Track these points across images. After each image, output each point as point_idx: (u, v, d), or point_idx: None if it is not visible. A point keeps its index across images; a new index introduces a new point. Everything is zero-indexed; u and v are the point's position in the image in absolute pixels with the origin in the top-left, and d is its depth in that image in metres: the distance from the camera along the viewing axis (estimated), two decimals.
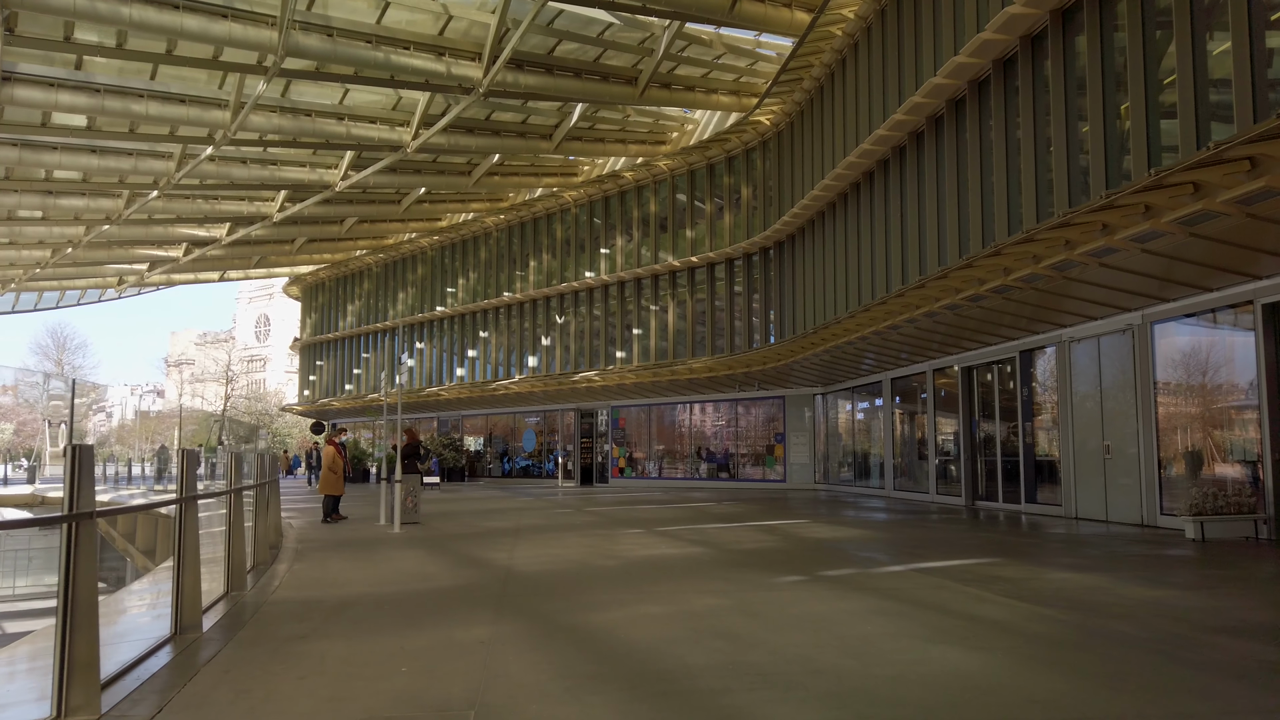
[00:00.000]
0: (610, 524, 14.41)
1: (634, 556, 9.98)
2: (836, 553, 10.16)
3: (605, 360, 31.24)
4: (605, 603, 6.91)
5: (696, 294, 28.78)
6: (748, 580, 8.04)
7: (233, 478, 7.00)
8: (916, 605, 6.63)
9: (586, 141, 27.49)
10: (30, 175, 24.04)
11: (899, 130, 16.74)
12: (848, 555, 9.93)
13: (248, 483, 7.98)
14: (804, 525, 13.95)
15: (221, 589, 6.95)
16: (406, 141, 23.81)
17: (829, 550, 10.42)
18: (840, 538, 11.89)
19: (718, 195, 27.81)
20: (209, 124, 20.94)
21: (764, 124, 24.93)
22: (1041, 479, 15.87)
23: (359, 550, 10.80)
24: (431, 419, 40.46)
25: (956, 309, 14.94)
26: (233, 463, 7.09)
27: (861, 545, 10.99)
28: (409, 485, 14.36)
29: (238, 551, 7.08)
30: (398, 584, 7.98)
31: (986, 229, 14.30)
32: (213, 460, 27.14)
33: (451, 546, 11.14)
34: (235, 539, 7.03)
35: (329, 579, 8.23)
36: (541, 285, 33.45)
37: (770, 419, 28.29)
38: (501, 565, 9.22)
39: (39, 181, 24.50)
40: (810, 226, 22.93)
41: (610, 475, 32.32)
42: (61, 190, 26.07)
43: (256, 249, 37.76)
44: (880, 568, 8.86)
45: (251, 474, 8.97)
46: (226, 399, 62.82)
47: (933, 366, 19.63)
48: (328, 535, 12.77)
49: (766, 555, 10.02)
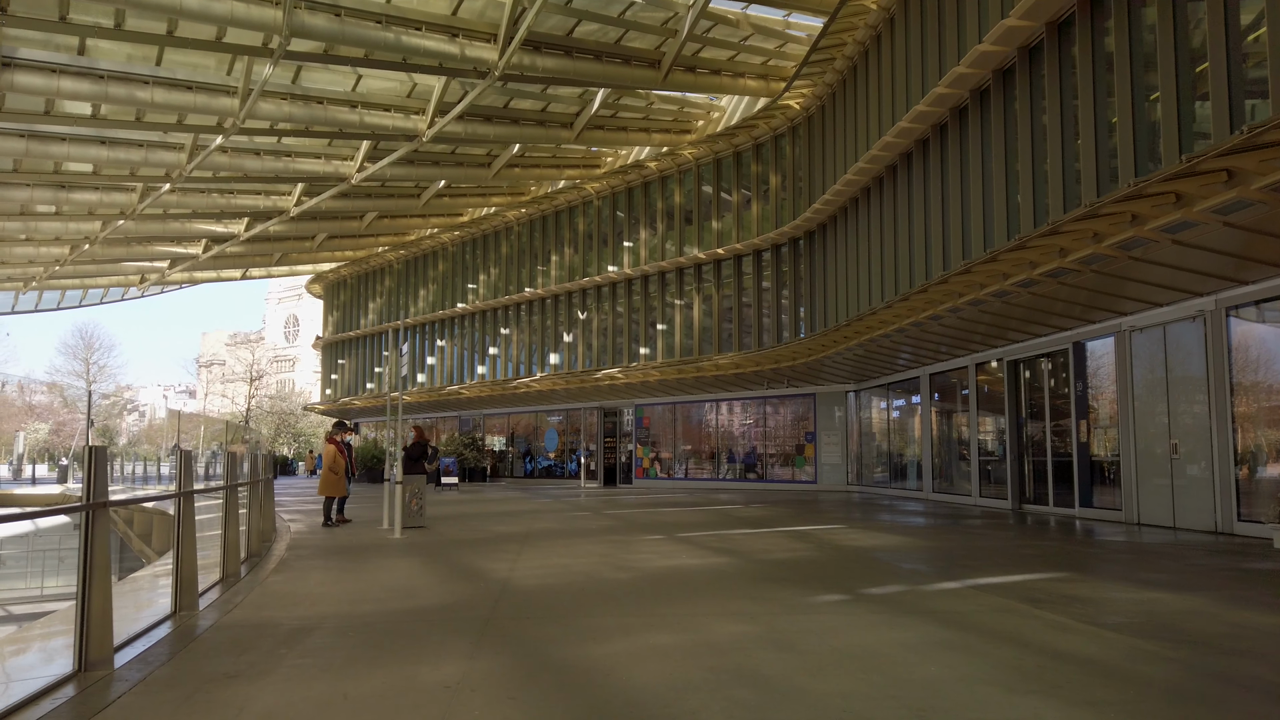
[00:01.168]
0: (628, 529, 13.39)
1: (650, 568, 8.95)
2: (879, 564, 9.05)
3: (629, 357, 30.23)
4: (608, 629, 5.87)
5: (723, 288, 27.67)
6: (779, 599, 6.97)
7: (182, 479, 6.06)
8: (986, 636, 5.51)
9: (609, 130, 26.52)
10: (39, 167, 23.54)
11: (940, 106, 15.53)
12: (892, 568, 8.80)
13: (212, 484, 7.03)
14: (839, 531, 12.83)
15: (167, 608, 6.02)
16: (422, 130, 22.97)
17: (870, 561, 9.31)
18: (881, 546, 10.76)
19: (745, 184, 26.68)
20: (217, 111, 20.21)
21: (793, 108, 23.77)
22: (1097, 481, 14.59)
23: (349, 559, 9.88)
24: (453, 418, 39.70)
25: (1005, 296, 13.73)
26: (182, 463, 6.15)
27: (906, 555, 9.86)
28: (414, 487, 13.43)
29: (187, 565, 6.15)
30: (376, 602, 7.01)
31: (1039, 207, 13.07)
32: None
33: (451, 554, 10.18)
34: (185, 551, 6.09)
35: (300, 595, 7.29)
36: (563, 280, 32.52)
37: (800, 417, 27.11)
38: (499, 578, 8.23)
39: (49, 174, 24.00)
40: (843, 214, 21.74)
41: (634, 476, 31.29)
42: (74, 184, 25.60)
43: (277, 245, 37.26)
44: (932, 584, 7.74)
45: (225, 475, 8.04)
46: (250, 399, 62.65)
47: (975, 360, 18.37)
48: (323, 540, 11.88)
49: (800, 567, 8.92)
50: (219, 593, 7.35)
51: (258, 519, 9.70)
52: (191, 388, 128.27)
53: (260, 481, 10.85)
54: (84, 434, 52.66)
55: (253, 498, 9.57)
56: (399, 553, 10.35)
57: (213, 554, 8.18)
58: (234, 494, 7.96)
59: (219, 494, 7.98)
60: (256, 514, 9.55)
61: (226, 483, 7.87)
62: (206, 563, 7.04)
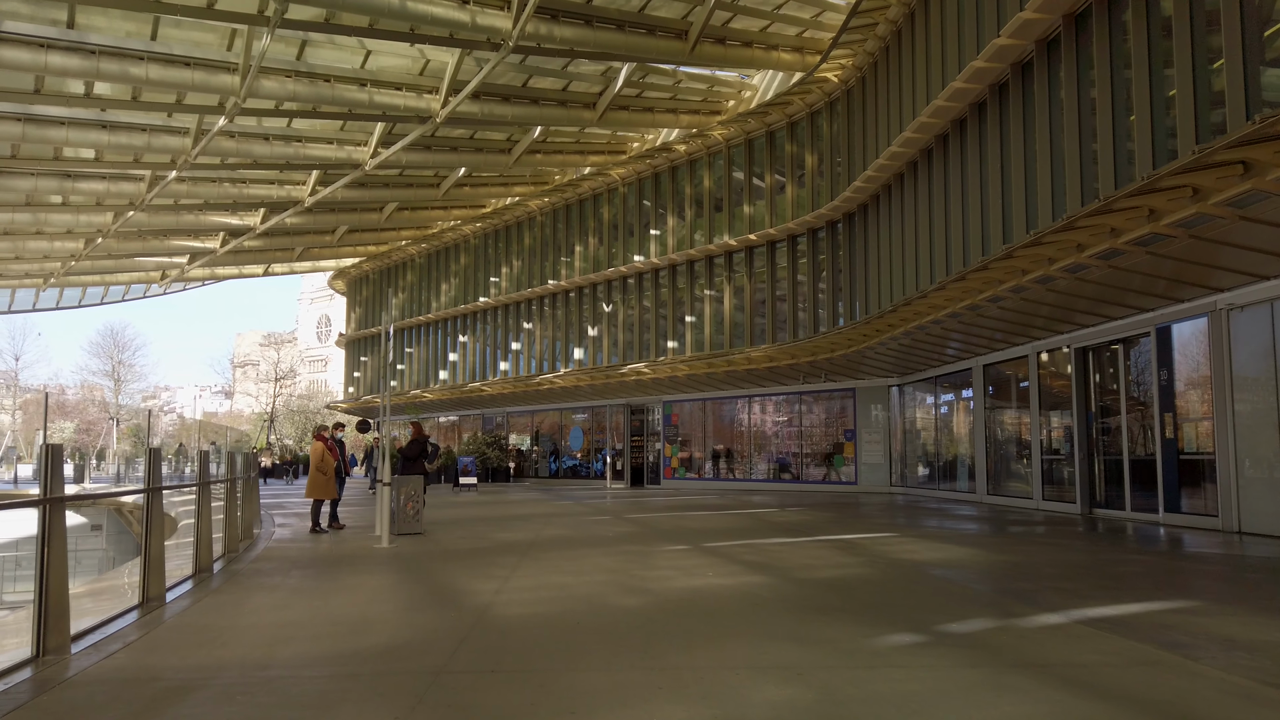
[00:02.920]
0: (649, 537, 11.87)
1: (667, 590, 7.41)
2: (950, 587, 7.42)
3: (656, 351, 28.70)
4: (598, 694, 4.31)
5: (755, 276, 26.03)
6: (833, 641, 5.40)
7: (48, 483, 4.66)
8: (1144, 711, 3.90)
9: (634, 111, 25.03)
10: (39, 153, 22.59)
11: (999, 61, 13.80)
12: (968, 591, 7.17)
13: (101, 488, 5.63)
14: (892, 541, 11.20)
15: (28, 649, 4.63)
16: (435, 110, 21.63)
17: (938, 582, 7.68)
18: (944, 560, 9.11)
19: (779, 166, 25.02)
20: (217, 89, 19.03)
21: (831, 81, 22.08)
22: (1186, 482, 12.78)
23: (313, 575, 8.45)
24: (476, 416, 38.48)
25: (1080, 271, 12.00)
26: (48, 460, 4.76)
27: (979, 573, 8.22)
28: (409, 489, 12.02)
29: (55, 596, 4.74)
30: (307, 641, 5.53)
31: (1122, 168, 11.32)
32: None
33: (434, 571, 8.72)
34: (53, 578, 4.69)
35: (217, 629, 5.84)
36: (587, 271, 31.08)
37: (839, 414, 25.38)
38: (479, 604, 6.74)
39: (49, 161, 23.05)
40: (886, 192, 20.02)
41: (662, 476, 29.75)
42: (79, 173, 24.70)
43: (297, 240, 36.31)
44: (1028, 616, 6.08)
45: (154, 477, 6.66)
46: (274, 398, 62.12)
47: (1037, 349, 16.58)
48: (298, 550, 10.51)
49: (853, 591, 7.32)
50: (139, 616, 5.96)
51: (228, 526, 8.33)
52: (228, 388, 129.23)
53: (233, 482, 9.51)
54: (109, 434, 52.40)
55: (239, 499, 8.20)
56: (376, 567, 8.93)
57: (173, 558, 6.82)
58: (205, 493, 6.56)
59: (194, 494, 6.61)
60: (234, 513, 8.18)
61: (145, 486, 6.47)
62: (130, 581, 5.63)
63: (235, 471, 10.26)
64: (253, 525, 11.86)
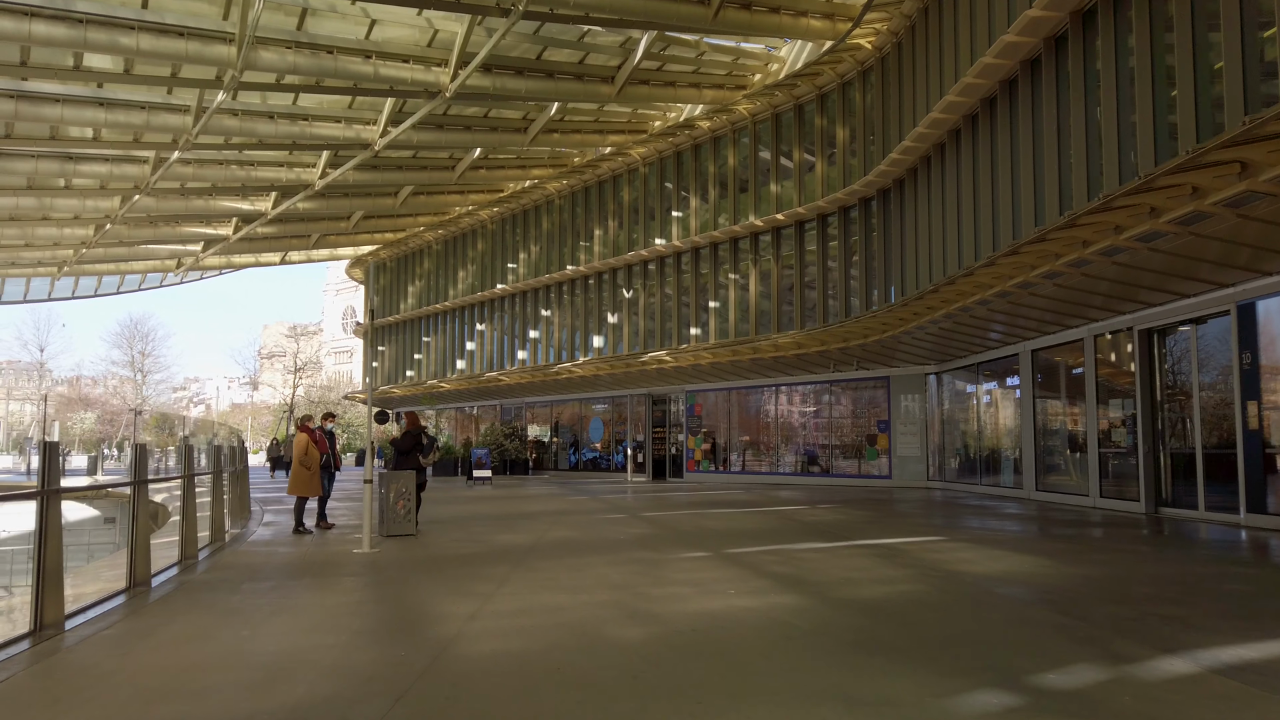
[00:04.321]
0: (665, 540, 10.66)
1: (679, 616, 6.16)
2: (1028, 612, 6.11)
3: (678, 339, 27.44)
4: None
5: (783, 259, 24.66)
6: (893, 701, 4.14)
7: None
8: None
9: (655, 86, 23.70)
10: (35, 133, 21.75)
11: (1057, 9, 12.35)
12: (1053, 620, 5.85)
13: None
14: (941, 547, 9.90)
15: None
16: (445, 84, 20.49)
17: (1012, 606, 6.38)
18: (1010, 573, 7.80)
19: (808, 141, 23.61)
20: (214, 60, 17.99)
21: (864, 48, 20.63)
22: (1275, 479, 11.32)
23: (265, 591, 7.32)
24: (494, 406, 37.47)
25: (1154, 239, 10.58)
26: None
27: (1059, 593, 6.89)
28: (399, 486, 10.89)
29: None
30: (192, 701, 4.30)
31: (1204, 121, 9.88)
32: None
33: (408, 585, 7.54)
34: None
35: (96, 674, 4.62)
36: (607, 256, 29.85)
37: (872, 403, 23.98)
38: (441, 639, 5.50)
39: (46, 140, 22.21)
40: (925, 165, 18.58)
41: (685, 469, 28.51)
42: (80, 155, 23.89)
43: (312, 226, 35.45)
44: (1143, 660, 4.75)
45: None
46: (294, 389, 61.66)
47: (1094, 331, 15.12)
48: (269, 555, 9.44)
49: (908, 618, 6.03)
50: (28, 646, 4.84)
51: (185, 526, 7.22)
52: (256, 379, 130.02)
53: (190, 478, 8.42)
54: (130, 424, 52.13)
55: (137, 503, 7.10)
56: (343, 580, 7.77)
57: None
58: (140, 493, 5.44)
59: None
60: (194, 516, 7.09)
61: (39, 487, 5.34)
62: None
63: (194, 468, 9.17)
64: (222, 527, 10.81)
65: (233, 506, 14.09)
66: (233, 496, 14.22)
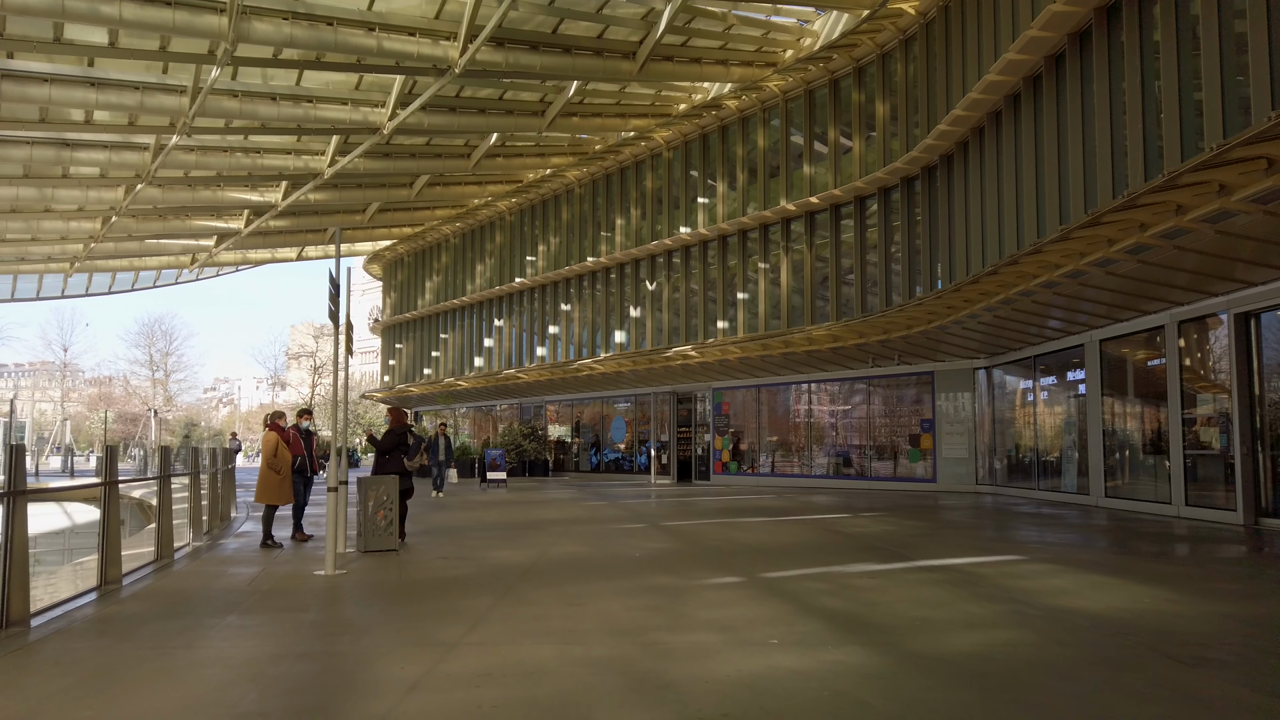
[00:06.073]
0: (688, 560, 9.12)
1: (703, 687, 4.48)
2: (1195, 682, 4.43)
3: (704, 333, 25.86)
4: None
5: (817, 247, 23.00)
6: None
7: None
8: None
9: (679, 63, 22.20)
10: (23, 115, 20.65)
11: None
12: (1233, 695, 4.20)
13: None
14: (1024, 570, 8.25)
15: None
16: (454, 59, 19.12)
17: (1167, 666, 4.72)
18: (1134, 612, 6.12)
19: (844, 118, 21.94)
20: (203, 31, 16.75)
21: (906, 14, 18.94)
22: None
23: (170, 633, 5.79)
24: (513, 405, 36.09)
25: (1273, 201, 8.85)
26: None
27: (1218, 644, 5.18)
28: (378, 494, 9.40)
29: None
30: None
31: None
32: None
33: (355, 629, 6.00)
34: None
35: None
36: (629, 247, 28.35)
37: (914, 401, 22.24)
38: None
39: (36, 124, 21.11)
40: (977, 137, 16.86)
41: (712, 471, 26.91)
42: (76, 141, 22.84)
43: (327, 220, 34.31)
44: None
45: None
46: (314, 388, 60.78)
47: (1177, 317, 13.34)
48: (215, 575, 8.03)
49: (1024, 686, 4.38)
50: None
51: None
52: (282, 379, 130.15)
53: (109, 487, 7.01)
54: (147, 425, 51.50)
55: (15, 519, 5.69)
56: (279, 617, 6.22)
57: None
58: None
59: None
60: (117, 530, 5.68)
61: None
62: None
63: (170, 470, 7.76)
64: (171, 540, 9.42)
65: (210, 511, 12.77)
66: (211, 500, 12.90)
